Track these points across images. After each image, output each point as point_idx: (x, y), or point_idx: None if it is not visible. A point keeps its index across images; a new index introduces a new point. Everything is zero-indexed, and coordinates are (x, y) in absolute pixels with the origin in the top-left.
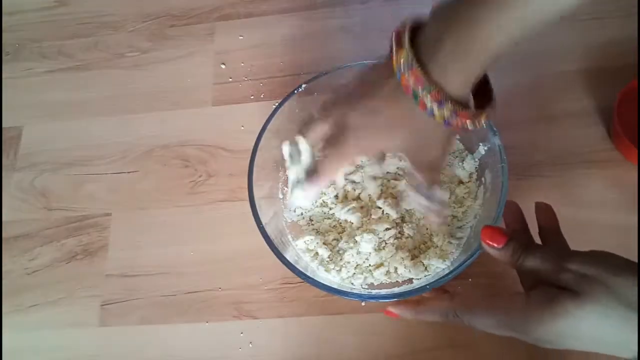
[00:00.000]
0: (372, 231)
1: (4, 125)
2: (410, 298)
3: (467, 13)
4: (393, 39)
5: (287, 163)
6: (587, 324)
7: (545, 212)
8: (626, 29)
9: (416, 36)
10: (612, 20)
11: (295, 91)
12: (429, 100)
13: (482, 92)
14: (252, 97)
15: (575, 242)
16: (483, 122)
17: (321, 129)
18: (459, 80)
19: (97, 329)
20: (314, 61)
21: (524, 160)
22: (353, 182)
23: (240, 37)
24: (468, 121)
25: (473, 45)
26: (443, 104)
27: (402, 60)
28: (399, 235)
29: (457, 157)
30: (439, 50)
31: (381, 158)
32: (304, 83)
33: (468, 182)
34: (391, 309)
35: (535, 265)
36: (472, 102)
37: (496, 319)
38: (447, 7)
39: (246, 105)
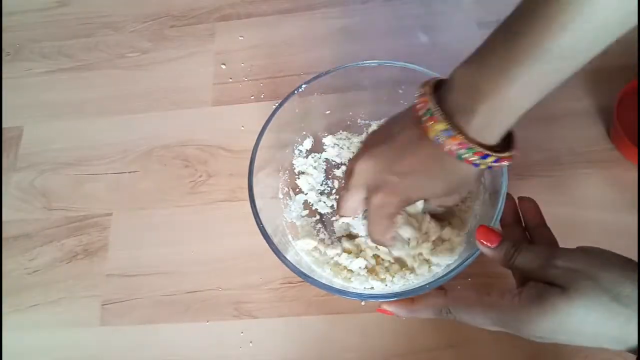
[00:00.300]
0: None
1: (4, 125)
2: None
3: (492, 77)
4: (419, 109)
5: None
6: (576, 318)
7: (529, 207)
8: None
9: (441, 99)
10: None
11: (296, 91)
12: (473, 157)
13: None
14: (252, 97)
15: (575, 242)
16: (515, 156)
17: (358, 198)
18: (495, 136)
19: (97, 328)
20: (314, 61)
21: (524, 160)
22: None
23: (240, 38)
24: (506, 162)
25: (506, 108)
26: (487, 157)
27: (439, 131)
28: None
29: None
30: (473, 113)
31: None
32: (304, 83)
33: None
34: (385, 307)
35: (526, 263)
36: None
37: (488, 316)
38: (474, 67)
39: (246, 106)
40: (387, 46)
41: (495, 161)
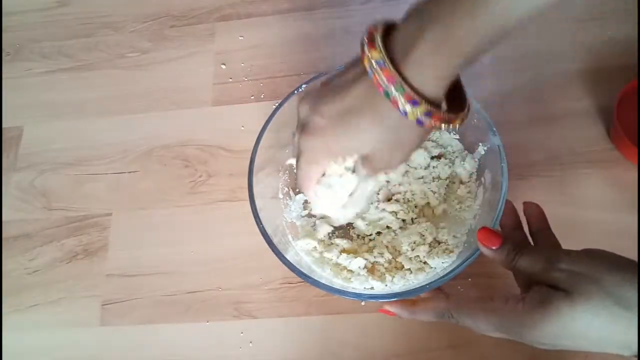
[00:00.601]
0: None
1: (4, 125)
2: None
3: (442, 14)
4: (365, 37)
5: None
6: (580, 323)
7: (533, 211)
8: (626, 29)
9: (389, 36)
10: (612, 20)
11: (295, 91)
12: (402, 99)
13: (457, 97)
14: (252, 97)
15: (575, 242)
16: (457, 126)
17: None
18: (433, 80)
19: (97, 328)
20: (314, 61)
21: (524, 160)
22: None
23: (240, 38)
24: (443, 124)
25: (447, 46)
26: (417, 103)
27: (374, 59)
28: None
29: (457, 156)
30: (412, 50)
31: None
32: (304, 83)
33: (468, 182)
34: (387, 307)
35: (528, 266)
36: (444, 105)
37: (490, 321)
38: (422, 8)
39: (246, 106)
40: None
41: (427, 114)
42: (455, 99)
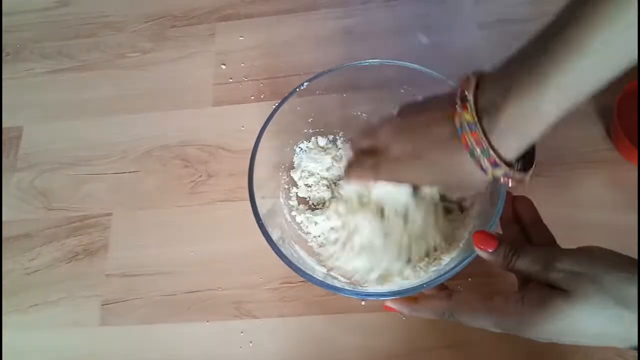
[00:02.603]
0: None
1: (4, 125)
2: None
3: (526, 73)
4: (458, 94)
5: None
6: (581, 322)
7: (525, 205)
8: None
9: (478, 94)
10: None
11: (296, 90)
12: (485, 161)
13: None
14: (252, 97)
15: (575, 242)
16: (527, 181)
17: (363, 143)
18: (515, 147)
19: (97, 328)
20: (314, 61)
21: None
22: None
23: (240, 38)
24: (514, 182)
25: (532, 119)
26: (498, 166)
27: (465, 121)
28: None
29: None
30: (499, 118)
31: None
32: (304, 83)
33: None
34: (389, 304)
35: (526, 267)
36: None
37: (492, 320)
38: (506, 71)
39: (246, 106)
40: (387, 46)
41: (505, 175)
42: (524, 156)
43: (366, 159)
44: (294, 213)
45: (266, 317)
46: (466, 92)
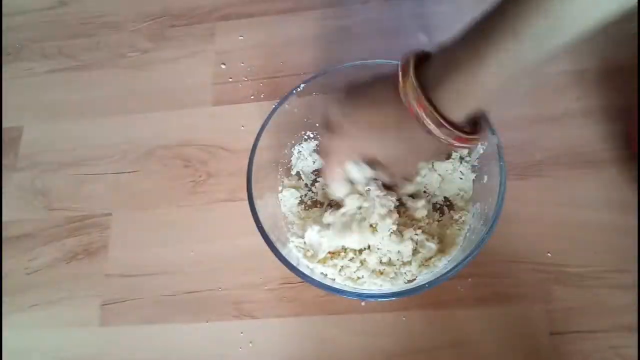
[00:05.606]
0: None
1: (4, 125)
2: None
3: (467, 54)
4: (400, 68)
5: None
6: None
7: None
8: (626, 29)
9: (422, 67)
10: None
11: (294, 91)
12: (430, 123)
13: (476, 121)
14: (252, 97)
15: (575, 241)
16: (477, 146)
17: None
18: (459, 112)
19: (97, 329)
20: (314, 61)
21: (524, 160)
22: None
23: (240, 37)
24: (464, 144)
25: (473, 86)
26: (443, 127)
27: (410, 89)
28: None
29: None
30: (442, 85)
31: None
32: (303, 83)
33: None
34: None
35: None
36: (467, 127)
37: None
38: (450, 47)
39: (246, 105)
40: (386, 46)
41: (452, 136)
42: (475, 123)
43: (323, 147)
44: (293, 213)
45: (266, 317)
46: (408, 64)
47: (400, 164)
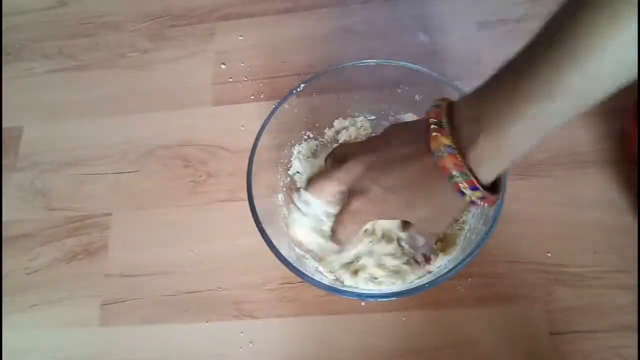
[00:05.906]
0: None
1: (4, 125)
2: None
3: (500, 116)
4: (431, 120)
5: (294, 214)
6: None
7: None
8: None
9: (452, 125)
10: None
11: (294, 91)
12: (463, 184)
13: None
14: (252, 97)
15: (575, 241)
16: (497, 204)
17: (334, 188)
18: (490, 172)
19: (97, 328)
20: (314, 61)
21: (524, 160)
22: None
23: (240, 37)
24: (489, 204)
25: (508, 146)
26: (476, 189)
27: (443, 144)
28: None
29: None
30: (475, 150)
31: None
32: (303, 83)
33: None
34: None
35: None
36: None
37: None
38: (480, 103)
39: (246, 105)
40: (386, 46)
41: (481, 198)
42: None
43: (348, 205)
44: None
45: (266, 317)
46: (443, 117)
47: (432, 224)
